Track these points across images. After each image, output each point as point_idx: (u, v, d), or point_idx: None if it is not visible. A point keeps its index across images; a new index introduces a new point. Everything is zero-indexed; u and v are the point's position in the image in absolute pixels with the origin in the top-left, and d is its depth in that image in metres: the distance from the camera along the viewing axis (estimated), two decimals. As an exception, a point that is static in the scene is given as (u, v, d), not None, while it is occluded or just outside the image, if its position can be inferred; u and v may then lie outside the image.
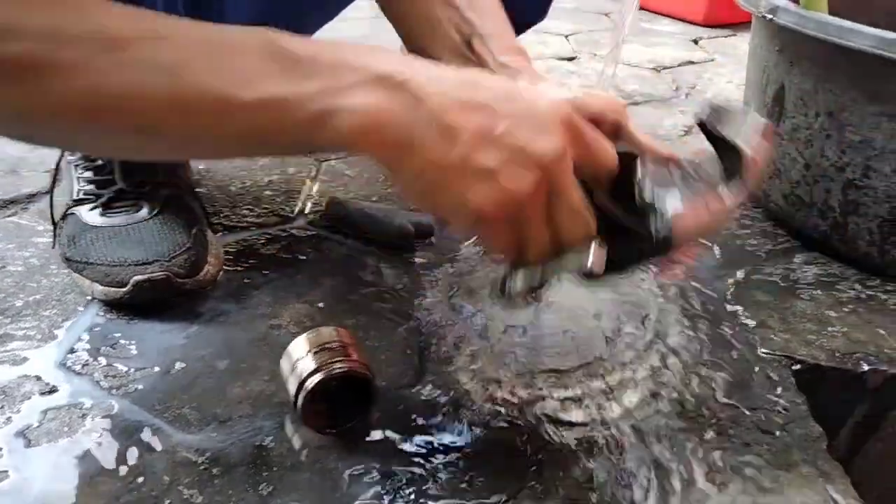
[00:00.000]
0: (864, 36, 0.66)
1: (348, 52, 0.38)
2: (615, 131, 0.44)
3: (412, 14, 0.55)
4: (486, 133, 0.37)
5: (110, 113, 0.36)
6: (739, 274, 0.75)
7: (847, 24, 0.67)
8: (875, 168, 0.71)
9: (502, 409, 0.55)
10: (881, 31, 0.65)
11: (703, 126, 0.46)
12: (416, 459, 0.50)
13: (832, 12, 0.76)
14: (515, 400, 0.56)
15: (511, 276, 0.45)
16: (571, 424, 0.54)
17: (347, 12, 0.86)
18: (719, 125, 0.45)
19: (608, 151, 0.41)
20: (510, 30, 0.54)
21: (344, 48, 0.39)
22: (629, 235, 0.44)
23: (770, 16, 0.74)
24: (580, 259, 0.43)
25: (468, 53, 0.52)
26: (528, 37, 1.62)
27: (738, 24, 1.84)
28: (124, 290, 0.61)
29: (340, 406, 0.51)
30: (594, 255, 0.42)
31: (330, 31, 0.89)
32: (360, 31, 1.49)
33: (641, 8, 2.01)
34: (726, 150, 0.45)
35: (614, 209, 0.44)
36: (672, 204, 0.43)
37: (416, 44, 0.56)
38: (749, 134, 0.44)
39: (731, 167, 0.45)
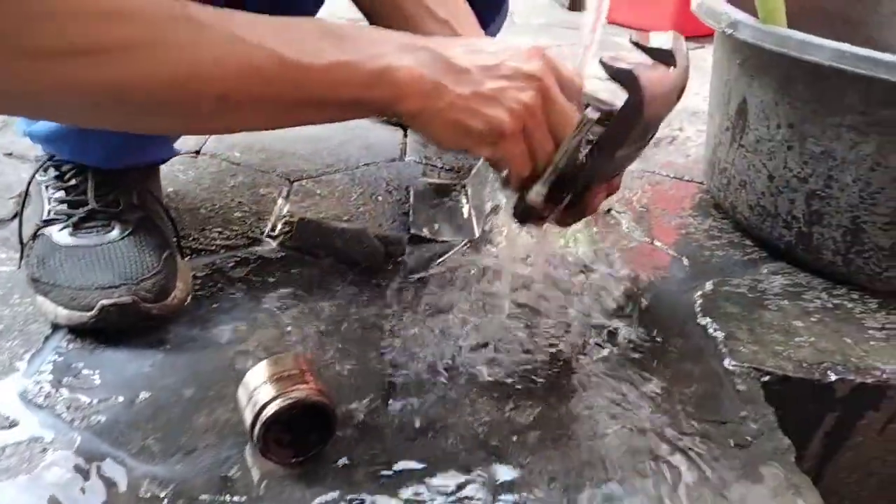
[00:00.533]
0: (821, 49, 0.67)
1: (373, 32, 0.51)
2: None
3: (405, 26, 0.62)
4: (488, 68, 0.50)
5: (199, 83, 0.43)
6: (708, 285, 0.76)
7: (805, 37, 0.69)
8: (837, 178, 0.72)
9: (470, 433, 0.55)
10: (838, 44, 0.66)
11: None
12: (384, 485, 0.50)
13: (791, 20, 0.77)
14: (483, 424, 0.55)
15: (527, 192, 0.55)
16: (538, 447, 0.54)
17: None
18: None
19: (574, 72, 0.56)
20: (471, 19, 0.66)
21: (370, 30, 0.53)
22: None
23: (730, 30, 0.75)
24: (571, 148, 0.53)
25: (406, 16, 0.64)
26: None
27: (704, 36, 1.86)
28: (90, 314, 0.60)
29: (301, 435, 0.50)
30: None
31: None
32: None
33: (609, 22, 2.04)
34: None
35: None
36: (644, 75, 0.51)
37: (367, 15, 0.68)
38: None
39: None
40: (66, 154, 0.70)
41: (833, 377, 0.64)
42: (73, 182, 0.69)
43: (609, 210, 0.91)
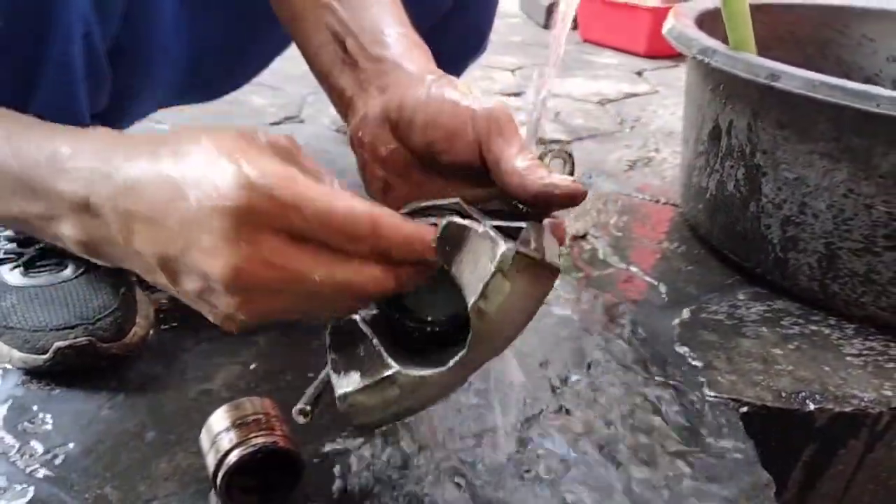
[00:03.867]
0: (791, 77, 0.67)
1: (47, 168, 0.38)
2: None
3: (296, 21, 0.52)
4: (167, 260, 0.34)
5: None
6: (685, 313, 0.75)
7: (776, 65, 0.69)
8: (810, 205, 0.72)
9: (442, 475, 0.53)
10: (808, 73, 0.66)
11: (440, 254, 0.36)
12: (354, 533, 0.48)
13: (765, 47, 0.77)
14: (458, 464, 0.54)
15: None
16: (512, 480, 0.52)
17: (289, 51, 0.84)
18: (454, 256, 0.35)
19: (343, 211, 0.33)
20: (396, 17, 0.49)
21: (53, 156, 0.38)
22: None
23: (701, 56, 0.75)
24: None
25: (343, 55, 0.47)
26: (475, 72, 1.64)
27: (680, 55, 1.88)
28: (45, 357, 0.58)
29: (266, 481, 0.48)
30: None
31: (272, 69, 0.88)
32: (305, 69, 1.48)
33: (584, 41, 2.05)
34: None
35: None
36: (345, 387, 0.39)
37: (304, 54, 0.52)
38: (483, 274, 0.33)
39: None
40: None
41: (811, 406, 0.63)
42: None
43: (585, 235, 0.90)
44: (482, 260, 0.33)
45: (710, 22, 0.86)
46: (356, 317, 0.39)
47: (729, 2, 0.77)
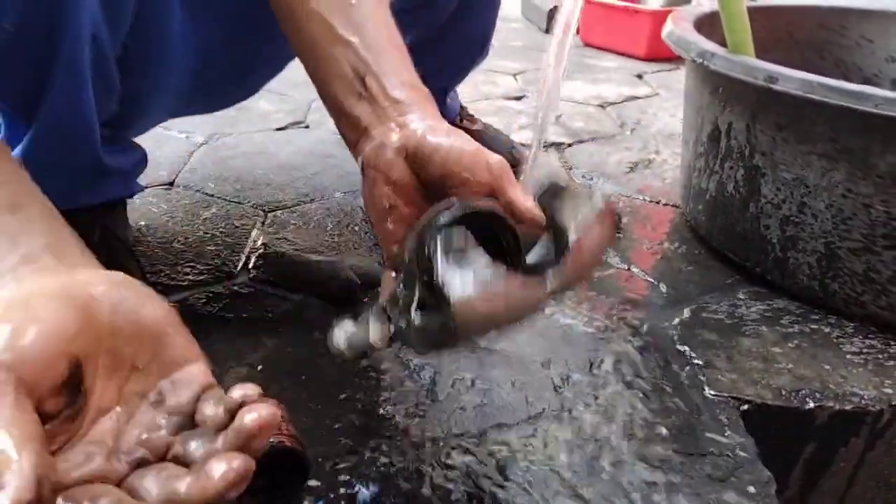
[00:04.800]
0: (789, 79, 0.67)
1: None
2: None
3: (311, 49, 0.54)
4: None
5: None
6: (686, 312, 0.76)
7: (773, 67, 0.69)
8: (809, 205, 0.73)
9: (447, 474, 0.53)
10: (806, 75, 0.67)
11: (540, 205, 0.43)
12: (361, 531, 0.48)
13: (763, 49, 0.78)
14: (461, 464, 0.54)
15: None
16: (518, 478, 0.53)
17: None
18: (555, 205, 0.42)
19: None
20: (409, 67, 0.53)
21: None
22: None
23: (700, 59, 0.76)
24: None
25: (361, 90, 0.50)
26: (478, 76, 1.65)
27: (680, 57, 1.89)
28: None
29: (272, 481, 0.49)
30: (374, 329, 0.40)
31: (278, 75, 0.89)
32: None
33: (585, 44, 2.06)
34: (559, 232, 0.42)
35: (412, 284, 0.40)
36: (461, 286, 0.37)
37: (315, 77, 0.54)
38: (583, 219, 0.41)
39: (560, 250, 0.41)
40: None
41: (811, 404, 0.63)
42: None
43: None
44: (581, 207, 0.41)
45: (708, 25, 0.87)
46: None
47: (727, 5, 0.78)
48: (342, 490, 0.51)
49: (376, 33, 0.52)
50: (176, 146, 1.13)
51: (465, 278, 0.37)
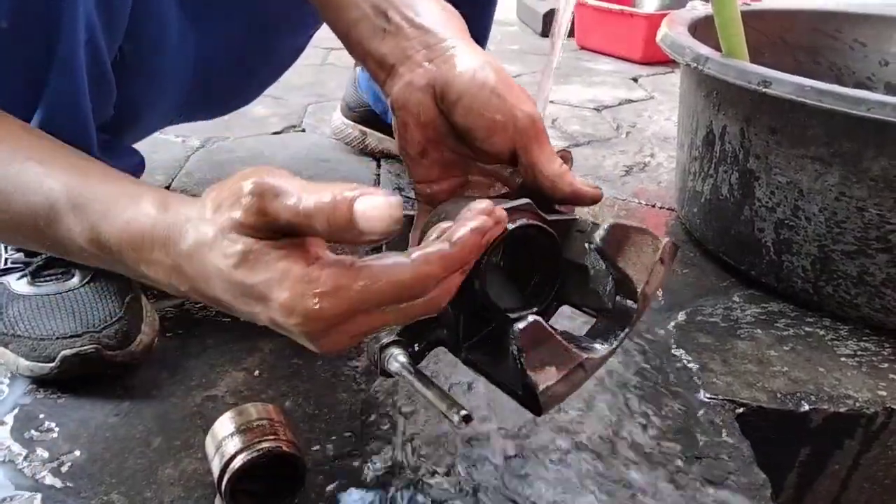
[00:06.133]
0: (783, 83, 0.68)
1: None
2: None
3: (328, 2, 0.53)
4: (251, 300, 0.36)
5: None
6: (681, 316, 0.76)
7: (767, 71, 0.70)
8: (803, 208, 0.73)
9: (443, 479, 0.54)
10: (799, 79, 0.67)
11: (601, 252, 0.42)
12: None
13: (758, 53, 0.78)
14: (457, 468, 0.55)
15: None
16: (510, 481, 0.53)
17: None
18: (617, 253, 0.42)
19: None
20: None
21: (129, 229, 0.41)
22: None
23: (694, 64, 0.76)
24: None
25: (385, 25, 0.48)
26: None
27: (675, 61, 1.90)
28: (52, 365, 0.59)
29: (269, 486, 0.49)
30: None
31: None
32: (306, 79, 1.49)
33: (581, 48, 2.07)
34: (622, 280, 0.42)
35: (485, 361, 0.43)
36: (545, 380, 0.39)
37: (337, 29, 0.53)
38: (649, 266, 0.41)
39: (623, 293, 0.42)
40: None
41: (806, 407, 0.64)
42: None
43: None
44: (645, 251, 0.41)
45: (703, 29, 0.87)
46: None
47: (721, 9, 0.78)
48: (339, 495, 0.52)
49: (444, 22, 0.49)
50: (172, 150, 1.14)
51: (549, 375, 0.39)
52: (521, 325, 0.38)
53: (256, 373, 0.63)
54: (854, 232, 0.71)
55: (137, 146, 0.76)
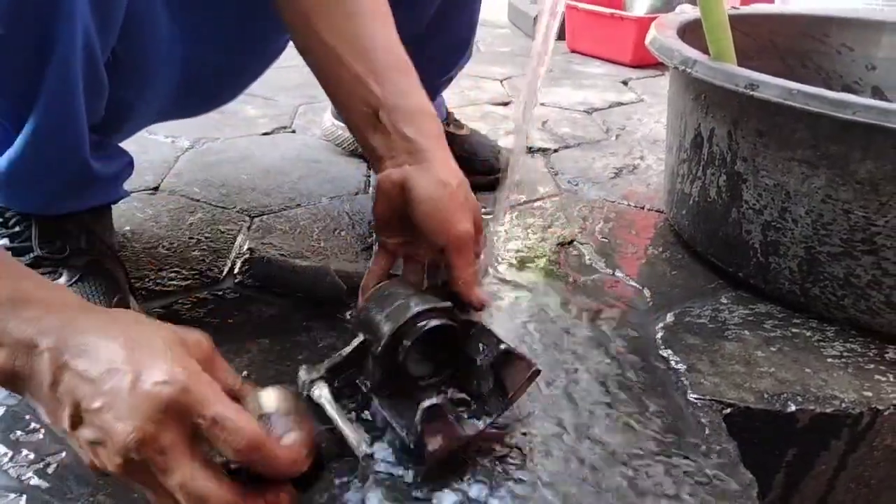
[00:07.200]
0: (769, 86, 0.68)
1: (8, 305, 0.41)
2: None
3: (331, 85, 0.61)
4: (79, 410, 0.39)
5: None
6: (669, 317, 0.76)
7: (754, 75, 0.70)
8: (790, 210, 0.74)
9: (432, 481, 0.54)
10: (786, 82, 0.68)
11: (492, 365, 0.55)
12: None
13: (746, 57, 0.79)
14: (448, 469, 0.55)
15: None
16: (502, 482, 0.53)
17: (283, 61, 0.86)
18: (502, 369, 0.55)
19: (232, 424, 0.39)
20: (416, 87, 0.60)
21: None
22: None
23: (682, 67, 0.77)
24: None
25: (376, 123, 0.59)
26: (465, 82, 1.65)
27: (665, 65, 1.91)
28: (37, 366, 0.58)
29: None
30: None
31: (265, 80, 0.89)
32: (297, 80, 1.49)
33: (572, 51, 2.08)
34: (501, 384, 0.55)
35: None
36: (434, 445, 0.51)
37: (333, 100, 0.64)
38: (519, 380, 0.55)
39: (498, 392, 0.55)
40: (3, 201, 0.68)
41: (793, 407, 0.64)
42: (17, 229, 0.67)
43: (571, 241, 0.91)
44: (520, 371, 0.55)
45: (691, 33, 0.88)
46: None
47: (709, 13, 0.79)
48: (337, 494, 0.51)
49: (384, 58, 0.59)
50: (161, 151, 1.13)
51: (437, 441, 0.51)
52: (426, 403, 0.50)
53: (245, 373, 0.63)
54: (840, 234, 0.71)
55: (126, 146, 0.75)
